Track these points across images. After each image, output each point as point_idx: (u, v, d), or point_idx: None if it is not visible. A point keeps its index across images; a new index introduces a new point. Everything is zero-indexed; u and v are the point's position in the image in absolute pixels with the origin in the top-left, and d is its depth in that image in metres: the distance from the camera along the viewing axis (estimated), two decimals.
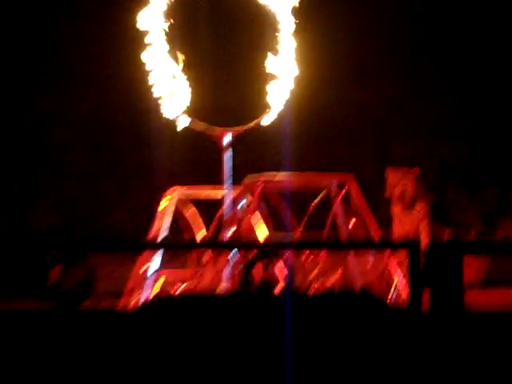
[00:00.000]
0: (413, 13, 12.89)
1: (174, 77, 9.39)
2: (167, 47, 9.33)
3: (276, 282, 9.23)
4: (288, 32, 9.55)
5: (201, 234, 10.39)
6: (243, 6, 9.71)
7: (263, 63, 9.53)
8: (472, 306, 6.39)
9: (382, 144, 12.69)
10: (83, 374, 6.10)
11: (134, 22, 9.28)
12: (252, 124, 9.63)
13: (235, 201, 9.89)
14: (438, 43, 12.80)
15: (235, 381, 6.08)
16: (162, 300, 7.49)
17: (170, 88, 9.35)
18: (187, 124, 9.49)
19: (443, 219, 11.83)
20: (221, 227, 9.96)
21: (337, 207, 9.89)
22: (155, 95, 9.34)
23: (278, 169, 10.38)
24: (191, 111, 9.44)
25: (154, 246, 8.99)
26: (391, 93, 12.72)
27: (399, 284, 9.74)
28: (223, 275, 9.40)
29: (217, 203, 10.16)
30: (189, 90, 9.47)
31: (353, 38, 12.72)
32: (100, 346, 6.15)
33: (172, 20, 9.26)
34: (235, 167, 9.75)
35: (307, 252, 9.62)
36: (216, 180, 9.98)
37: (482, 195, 12.97)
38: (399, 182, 10.24)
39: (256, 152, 13.13)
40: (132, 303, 9.45)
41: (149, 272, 9.77)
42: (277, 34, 9.51)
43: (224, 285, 9.30)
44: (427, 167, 12.04)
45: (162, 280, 9.95)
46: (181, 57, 9.39)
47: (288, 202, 10.14)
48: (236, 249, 9.25)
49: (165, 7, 9.25)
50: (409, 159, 12.50)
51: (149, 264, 9.77)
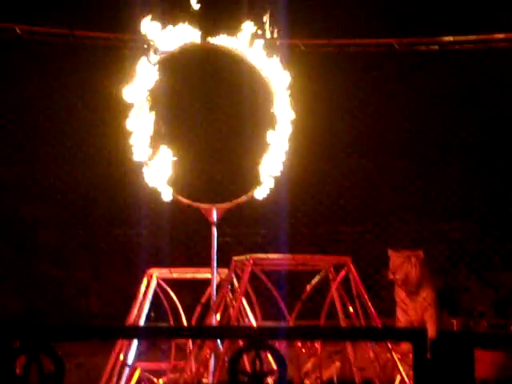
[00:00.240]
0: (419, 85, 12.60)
1: (157, 147, 8.91)
2: (151, 117, 8.92)
3: (266, 376, 8.56)
4: (283, 103, 9.08)
5: (182, 322, 9.84)
6: (234, 75, 9.39)
7: (256, 135, 9.10)
8: None
9: (383, 222, 12.19)
10: None
11: (112, 92, 9.10)
12: (242, 199, 9.01)
13: (221, 284, 9.14)
14: (447, 117, 12.44)
15: None
16: None
17: (153, 158, 8.89)
18: (170, 197, 8.95)
19: (452, 308, 11.51)
20: (205, 313, 9.28)
21: (334, 292, 9.27)
22: (136, 166, 8.91)
23: (269, 248, 10.05)
24: (176, 183, 8.95)
25: (130, 334, 8.23)
26: (396, 166, 12.32)
27: (404, 379, 9.11)
28: (208, 368, 8.62)
29: (201, 286, 9.69)
30: (173, 161, 8.98)
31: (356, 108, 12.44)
32: None
33: (158, 91, 8.94)
34: (221, 246, 9.21)
35: (301, 342, 9.16)
36: (202, 260, 9.57)
37: (496, 281, 12.46)
38: (401, 266, 9.89)
39: (245, 230, 12.66)
40: None
41: (124, 363, 9.22)
42: (271, 105, 9.06)
43: (208, 380, 8.58)
44: (434, 249, 11.92)
45: (138, 373, 9.50)
46: (164, 127, 8.99)
47: (280, 288, 9.51)
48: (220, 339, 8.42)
49: (152, 83, 8.91)
50: (413, 240, 12.15)
51: (124, 354, 9.23)
